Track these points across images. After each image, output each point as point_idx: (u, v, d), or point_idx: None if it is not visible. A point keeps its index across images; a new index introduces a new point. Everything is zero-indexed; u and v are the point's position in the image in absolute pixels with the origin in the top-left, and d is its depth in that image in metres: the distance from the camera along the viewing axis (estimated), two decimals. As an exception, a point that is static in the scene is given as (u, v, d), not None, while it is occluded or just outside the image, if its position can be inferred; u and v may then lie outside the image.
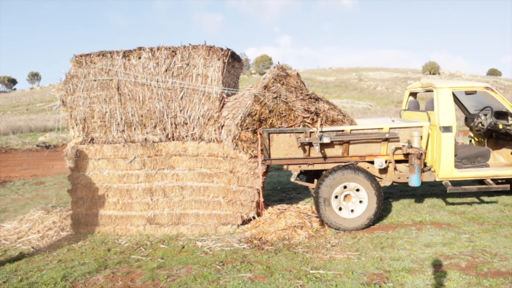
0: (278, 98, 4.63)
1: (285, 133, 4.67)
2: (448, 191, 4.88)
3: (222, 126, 4.81)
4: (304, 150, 4.72)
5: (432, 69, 46.97)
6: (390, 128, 4.73)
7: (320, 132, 4.60)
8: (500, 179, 5.31)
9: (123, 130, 4.93)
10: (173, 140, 4.89)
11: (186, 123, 4.85)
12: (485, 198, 5.84)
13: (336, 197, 4.72)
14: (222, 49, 4.87)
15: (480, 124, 5.61)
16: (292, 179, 4.89)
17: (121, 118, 4.89)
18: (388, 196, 6.12)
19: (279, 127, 4.66)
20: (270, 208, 5.17)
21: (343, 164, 4.74)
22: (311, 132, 4.63)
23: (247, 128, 4.65)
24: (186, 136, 4.87)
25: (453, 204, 5.65)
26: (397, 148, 4.73)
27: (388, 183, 4.93)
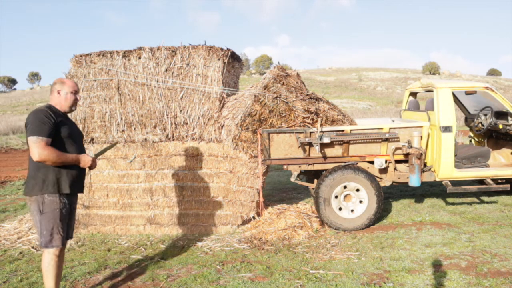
0: (278, 98, 4.63)
1: (285, 133, 4.67)
2: (448, 191, 4.88)
3: (222, 126, 4.81)
4: (304, 150, 4.72)
5: (432, 69, 46.99)
6: (390, 128, 4.73)
7: (320, 132, 4.60)
8: (500, 179, 5.31)
9: (123, 130, 4.93)
10: (173, 140, 4.89)
11: (186, 123, 4.85)
12: (485, 198, 5.84)
13: (336, 197, 4.72)
14: (222, 49, 4.87)
15: (480, 124, 5.60)
16: (292, 179, 4.89)
17: (121, 118, 4.89)
18: (388, 196, 6.12)
19: (279, 127, 4.66)
20: (270, 208, 5.17)
21: (343, 164, 4.74)
22: (311, 132, 4.63)
23: (247, 128, 4.64)
24: (186, 136, 4.87)
25: (453, 204, 5.65)
26: (397, 148, 4.73)
27: (388, 183, 4.93)
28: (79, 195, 4.91)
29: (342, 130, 4.70)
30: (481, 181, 5.35)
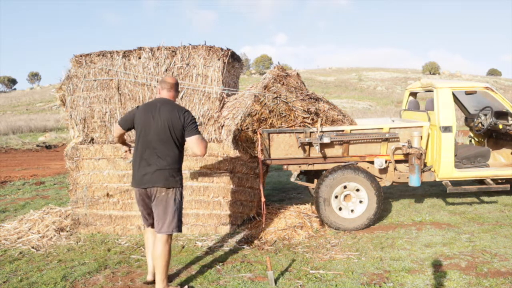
0: (278, 98, 4.62)
1: (285, 133, 4.67)
2: (448, 191, 4.89)
3: (222, 126, 4.81)
4: (304, 150, 4.72)
5: (432, 69, 47.04)
6: (390, 128, 4.73)
7: (320, 132, 4.60)
8: (500, 179, 5.31)
9: (123, 130, 4.92)
10: (173, 140, 4.87)
11: (186, 123, 4.84)
12: (485, 198, 5.84)
13: (336, 197, 4.72)
14: (222, 49, 4.87)
15: (480, 124, 5.61)
16: (292, 179, 4.89)
17: (121, 118, 4.88)
18: (388, 196, 6.12)
19: (279, 127, 4.66)
20: (270, 208, 5.17)
21: (343, 164, 4.74)
22: (311, 132, 4.63)
23: (247, 128, 4.64)
24: (186, 136, 4.86)
25: (453, 204, 5.65)
26: (397, 148, 4.73)
27: (388, 183, 4.93)
28: (79, 195, 4.92)
29: (342, 130, 4.70)
30: (481, 181, 5.35)
